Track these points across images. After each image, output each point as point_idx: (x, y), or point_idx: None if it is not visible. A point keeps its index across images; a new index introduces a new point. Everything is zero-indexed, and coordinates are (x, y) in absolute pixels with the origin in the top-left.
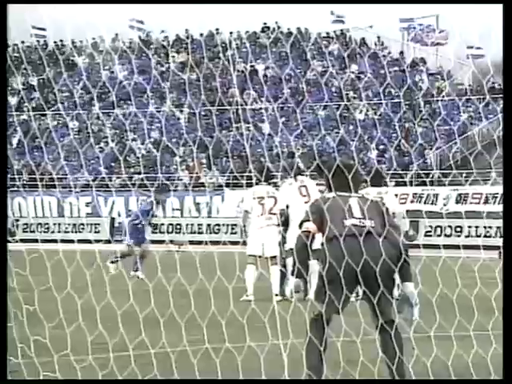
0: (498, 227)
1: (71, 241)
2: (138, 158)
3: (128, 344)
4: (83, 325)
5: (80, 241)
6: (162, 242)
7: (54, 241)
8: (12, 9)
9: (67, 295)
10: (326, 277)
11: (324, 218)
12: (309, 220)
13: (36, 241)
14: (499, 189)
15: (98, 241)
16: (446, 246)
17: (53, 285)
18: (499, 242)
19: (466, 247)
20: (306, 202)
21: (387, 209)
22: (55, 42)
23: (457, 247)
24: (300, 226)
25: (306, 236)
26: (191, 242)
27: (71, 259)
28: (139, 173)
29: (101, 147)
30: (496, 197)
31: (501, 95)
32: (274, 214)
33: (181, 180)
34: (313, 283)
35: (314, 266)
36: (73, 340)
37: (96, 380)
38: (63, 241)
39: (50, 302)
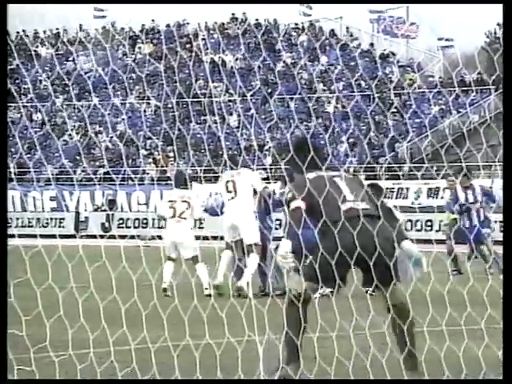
0: None
1: (34, 236)
2: (103, 150)
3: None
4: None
5: (43, 236)
6: (126, 236)
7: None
8: None
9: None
10: (326, 259)
11: (314, 199)
12: (295, 198)
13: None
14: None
15: (62, 236)
16: (418, 241)
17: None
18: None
19: (438, 241)
20: (231, 199)
21: (367, 184)
22: (17, 32)
23: (428, 241)
24: (288, 205)
25: (300, 213)
26: (158, 237)
27: (49, 254)
28: (104, 166)
29: (65, 140)
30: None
31: (470, 88)
32: (185, 218)
33: (147, 174)
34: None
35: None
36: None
37: (96, 380)
38: (28, 235)
39: (25, 296)
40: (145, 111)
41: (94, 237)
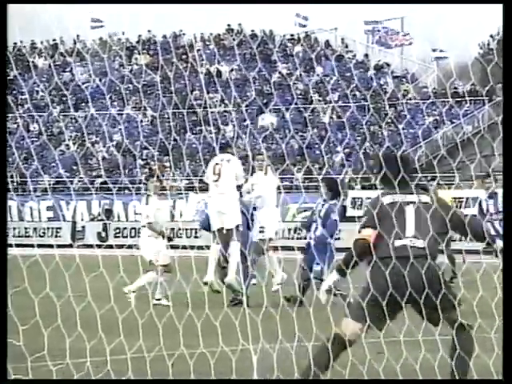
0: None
1: (31, 245)
2: (100, 160)
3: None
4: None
5: (40, 245)
6: (123, 246)
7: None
8: None
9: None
10: (370, 297)
11: (379, 227)
12: (369, 226)
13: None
14: (463, 193)
15: (59, 245)
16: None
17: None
18: (463, 245)
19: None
20: (215, 181)
21: (451, 209)
22: (15, 43)
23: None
24: (359, 231)
25: (361, 245)
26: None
27: (46, 263)
28: (100, 176)
29: (62, 150)
30: (461, 201)
31: (464, 99)
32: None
33: (144, 184)
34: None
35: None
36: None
37: (96, 380)
38: (25, 245)
39: (22, 306)
40: (141, 121)
41: (91, 246)
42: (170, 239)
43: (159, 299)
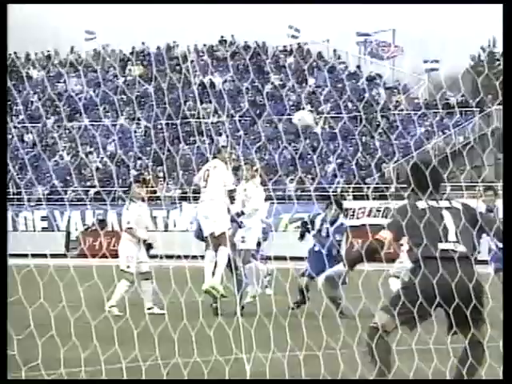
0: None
1: (25, 255)
2: (94, 171)
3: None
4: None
5: (34, 255)
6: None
7: (12, 255)
8: None
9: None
10: (409, 295)
11: (417, 231)
12: (390, 230)
13: None
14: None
15: (53, 255)
16: None
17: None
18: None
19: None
20: (204, 187)
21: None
22: (9, 55)
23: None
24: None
25: (375, 245)
26: (151, 257)
27: (40, 273)
28: (94, 186)
29: (56, 160)
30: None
31: (454, 110)
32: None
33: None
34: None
35: (259, 266)
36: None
37: (96, 380)
38: (19, 255)
39: (16, 316)
40: (135, 132)
41: (85, 256)
42: (149, 246)
43: (150, 308)
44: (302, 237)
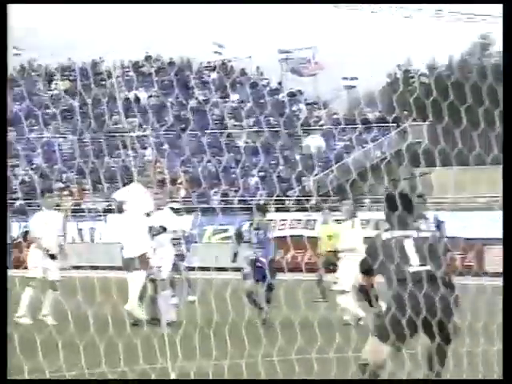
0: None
1: None
2: (17, 184)
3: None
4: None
5: None
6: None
7: None
8: None
9: None
10: (391, 319)
11: (383, 261)
12: (371, 271)
13: None
14: (372, 215)
15: None
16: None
17: None
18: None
19: None
20: (123, 210)
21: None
22: None
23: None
24: (364, 272)
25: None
26: (75, 267)
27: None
28: (18, 199)
29: None
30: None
31: (372, 125)
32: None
33: (64, 206)
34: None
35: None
36: None
37: (96, 380)
38: None
39: None
40: (59, 145)
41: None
42: (52, 257)
43: (46, 315)
44: (234, 256)
